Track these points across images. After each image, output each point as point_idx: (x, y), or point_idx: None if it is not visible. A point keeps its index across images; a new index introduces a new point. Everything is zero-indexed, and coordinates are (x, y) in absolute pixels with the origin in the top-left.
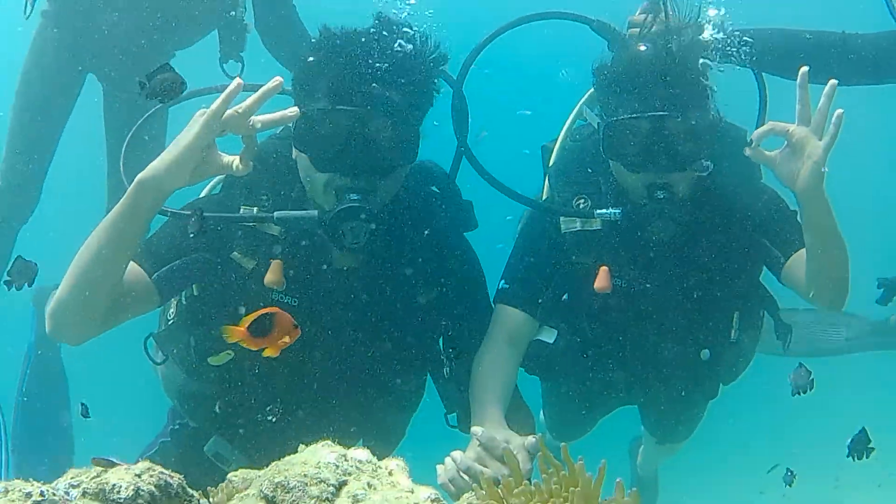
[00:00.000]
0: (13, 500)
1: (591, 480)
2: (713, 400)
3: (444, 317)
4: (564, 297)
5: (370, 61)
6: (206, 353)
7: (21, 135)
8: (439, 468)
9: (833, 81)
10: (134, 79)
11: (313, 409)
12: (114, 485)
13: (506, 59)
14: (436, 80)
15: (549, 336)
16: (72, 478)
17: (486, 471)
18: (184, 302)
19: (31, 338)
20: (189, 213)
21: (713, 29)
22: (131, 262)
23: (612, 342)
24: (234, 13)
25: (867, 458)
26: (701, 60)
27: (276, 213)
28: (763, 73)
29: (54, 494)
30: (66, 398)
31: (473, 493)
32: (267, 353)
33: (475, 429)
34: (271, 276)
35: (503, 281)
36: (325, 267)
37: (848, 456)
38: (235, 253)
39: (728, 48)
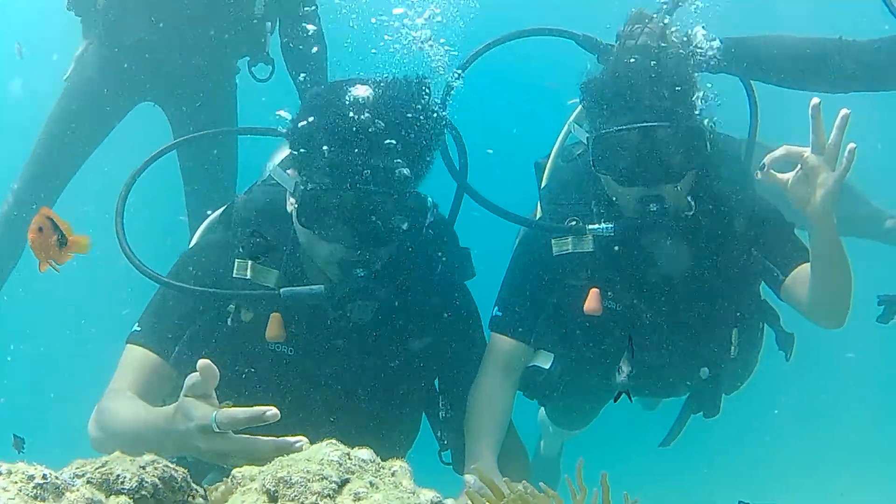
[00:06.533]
0: (16, 482)
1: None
2: (715, 417)
3: (440, 361)
4: (559, 324)
5: (370, 138)
6: None
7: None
8: None
9: (845, 112)
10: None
11: None
12: (118, 475)
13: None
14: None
15: (545, 361)
16: (77, 467)
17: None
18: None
19: None
20: (185, 286)
21: (702, 39)
22: (146, 353)
23: (608, 365)
24: (255, 19)
25: None
26: (690, 71)
27: (282, 291)
28: (751, 81)
29: (57, 479)
30: None
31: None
32: None
33: (468, 477)
34: (272, 331)
35: (496, 308)
36: (322, 317)
37: None
38: (232, 305)
39: (715, 58)
